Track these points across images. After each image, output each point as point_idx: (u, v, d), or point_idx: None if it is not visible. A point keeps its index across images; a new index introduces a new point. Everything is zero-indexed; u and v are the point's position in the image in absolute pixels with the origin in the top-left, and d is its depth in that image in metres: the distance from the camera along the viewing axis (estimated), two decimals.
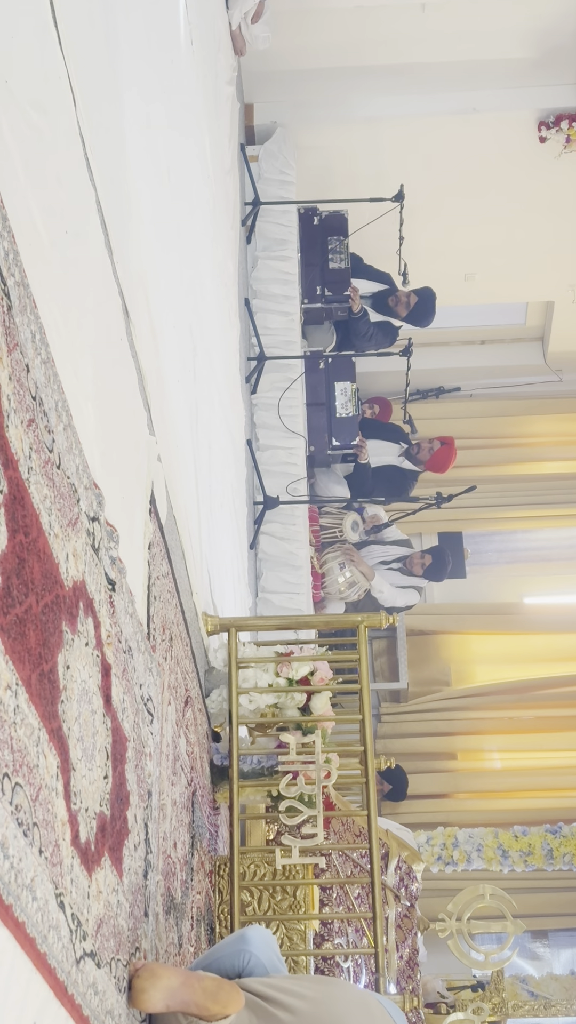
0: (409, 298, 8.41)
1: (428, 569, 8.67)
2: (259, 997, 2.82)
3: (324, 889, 4.89)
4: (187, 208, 4.84)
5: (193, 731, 4.02)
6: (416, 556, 8.69)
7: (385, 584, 8.35)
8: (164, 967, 2.73)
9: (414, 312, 8.47)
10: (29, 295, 2.09)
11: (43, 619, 2.08)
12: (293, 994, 2.83)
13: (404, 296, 8.40)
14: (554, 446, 10.95)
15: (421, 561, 8.66)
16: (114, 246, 2.99)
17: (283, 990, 2.84)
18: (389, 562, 8.59)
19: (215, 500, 5.16)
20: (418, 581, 8.68)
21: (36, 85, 2.31)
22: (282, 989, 2.85)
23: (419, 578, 8.68)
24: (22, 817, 1.89)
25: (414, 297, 8.41)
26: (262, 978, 2.94)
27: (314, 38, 8.11)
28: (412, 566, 8.64)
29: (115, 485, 2.76)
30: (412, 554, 8.75)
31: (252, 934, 3.08)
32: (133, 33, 3.56)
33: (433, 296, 8.45)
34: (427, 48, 8.22)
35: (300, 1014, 2.76)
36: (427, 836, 9.09)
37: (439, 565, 8.70)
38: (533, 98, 8.44)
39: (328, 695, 4.35)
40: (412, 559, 8.67)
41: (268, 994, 2.83)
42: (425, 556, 8.69)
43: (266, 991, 2.84)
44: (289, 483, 7.43)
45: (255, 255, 7.95)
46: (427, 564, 8.66)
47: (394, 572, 8.57)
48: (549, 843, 9.03)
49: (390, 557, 8.63)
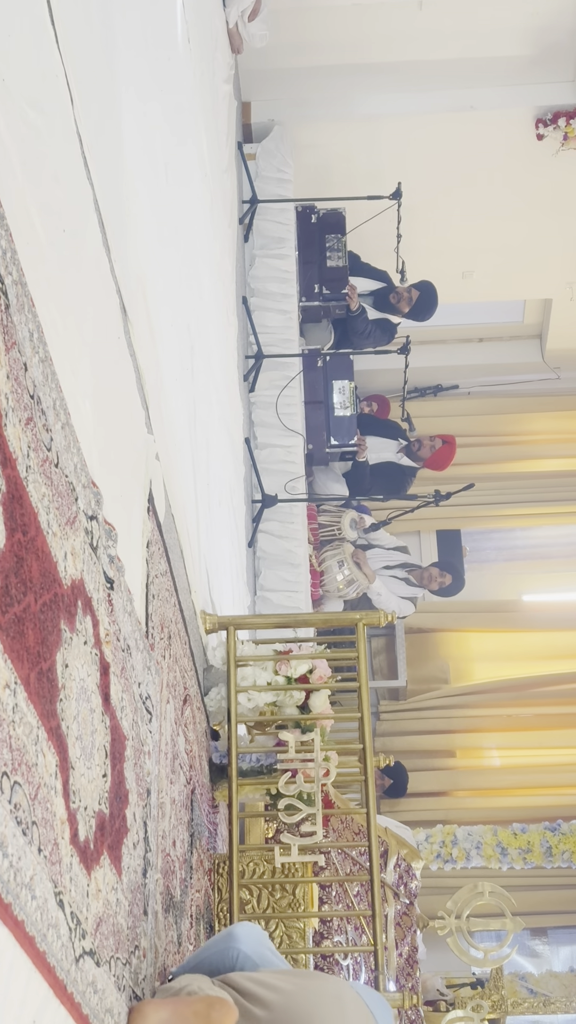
0: (411, 293, 8.40)
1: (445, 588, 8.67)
2: (240, 992, 2.81)
3: (323, 887, 4.89)
4: (185, 206, 4.84)
5: (192, 729, 4.02)
6: (435, 573, 8.65)
7: (384, 589, 8.34)
8: (152, 1003, 2.69)
9: (417, 307, 8.46)
10: (27, 294, 2.09)
11: (41, 618, 2.08)
12: (270, 987, 2.81)
13: (405, 292, 8.39)
14: (552, 443, 10.95)
15: (441, 580, 8.63)
16: (112, 244, 2.99)
17: (262, 984, 2.83)
18: (392, 567, 8.58)
19: (213, 498, 5.16)
20: (416, 592, 8.66)
21: (33, 84, 2.31)
22: (261, 983, 2.84)
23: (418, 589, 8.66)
24: (21, 816, 1.89)
25: (415, 292, 8.41)
26: (247, 973, 2.94)
27: (311, 36, 8.11)
28: (427, 582, 8.60)
29: (113, 483, 2.76)
30: (429, 570, 8.70)
31: (239, 931, 3.07)
32: (130, 32, 3.56)
33: (434, 289, 8.44)
34: (424, 46, 8.22)
35: (273, 1008, 2.74)
36: (426, 834, 9.09)
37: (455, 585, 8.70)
38: (531, 95, 8.43)
39: (327, 693, 4.34)
40: (429, 576, 8.62)
41: (248, 988, 2.81)
42: (445, 575, 8.65)
43: (246, 985, 2.83)
44: (287, 481, 7.43)
45: (253, 253, 7.95)
46: (446, 584, 8.64)
47: (399, 581, 8.54)
48: (548, 840, 9.03)
49: (393, 563, 8.62)
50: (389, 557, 8.61)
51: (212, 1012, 2.59)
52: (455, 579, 8.67)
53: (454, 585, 8.70)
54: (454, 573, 8.73)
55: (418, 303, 8.45)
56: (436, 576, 8.62)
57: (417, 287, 8.41)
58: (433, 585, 8.62)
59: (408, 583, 8.55)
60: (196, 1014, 2.60)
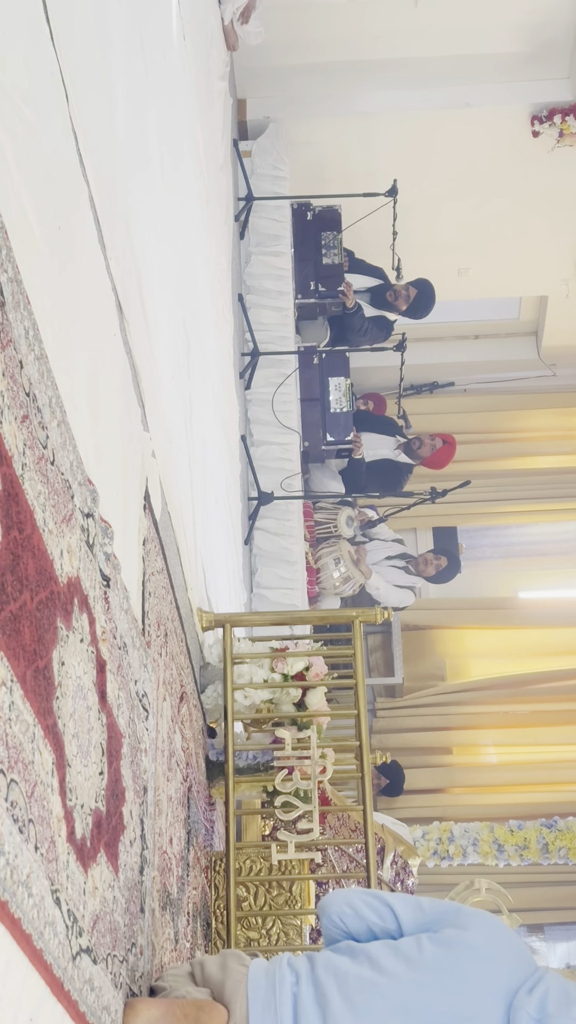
0: (408, 291, 8.40)
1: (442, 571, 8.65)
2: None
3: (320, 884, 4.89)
4: (180, 204, 4.83)
5: (188, 727, 4.03)
6: (430, 557, 8.65)
7: (381, 581, 8.34)
8: (144, 1001, 2.68)
9: (414, 305, 8.46)
10: (22, 291, 2.09)
11: (38, 615, 2.08)
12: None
13: (403, 290, 8.39)
14: (548, 441, 10.96)
15: (436, 563, 8.62)
16: (107, 242, 2.98)
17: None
18: (393, 557, 8.58)
19: (209, 496, 5.16)
20: (415, 580, 8.67)
21: (28, 81, 2.31)
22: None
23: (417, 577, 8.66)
24: (17, 814, 1.89)
25: (413, 290, 8.41)
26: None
27: (307, 33, 8.10)
28: (423, 568, 8.59)
29: (109, 481, 2.76)
30: (424, 555, 8.71)
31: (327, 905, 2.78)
32: (125, 29, 3.56)
33: (431, 287, 8.45)
34: (420, 43, 8.22)
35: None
36: (423, 831, 9.09)
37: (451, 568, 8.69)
38: (526, 92, 8.43)
39: (323, 690, 4.35)
40: (424, 560, 8.62)
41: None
42: (440, 558, 8.65)
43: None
44: (283, 478, 7.43)
45: (248, 250, 7.94)
46: (442, 566, 8.63)
47: (397, 570, 8.54)
48: (545, 837, 9.04)
49: (394, 553, 8.62)
50: (389, 548, 8.61)
51: (201, 1015, 2.59)
52: (451, 561, 8.66)
53: (450, 568, 8.67)
54: (449, 555, 8.73)
55: (415, 301, 8.45)
56: (432, 560, 8.62)
57: (415, 285, 8.41)
58: (430, 570, 8.60)
59: (407, 571, 8.56)
60: (186, 1016, 2.60)
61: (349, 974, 2.54)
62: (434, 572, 8.63)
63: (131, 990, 2.75)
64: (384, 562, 8.47)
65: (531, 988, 2.48)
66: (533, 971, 2.53)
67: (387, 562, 8.50)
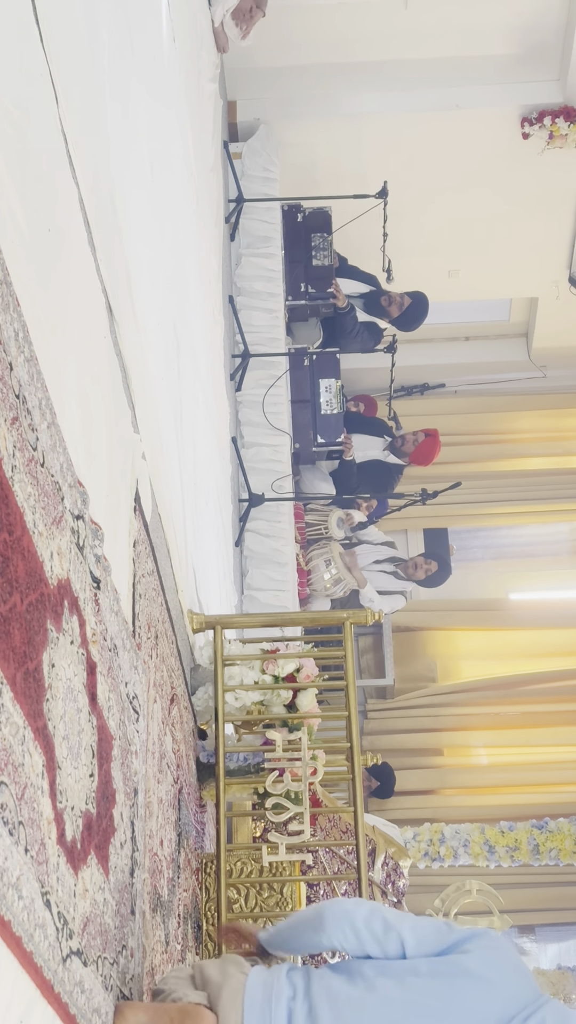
0: (403, 299, 8.41)
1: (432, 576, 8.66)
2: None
3: (311, 886, 4.89)
4: (170, 205, 4.83)
5: (179, 729, 4.02)
6: (420, 561, 8.66)
7: (375, 593, 8.35)
8: (132, 1005, 2.69)
9: (405, 314, 8.46)
10: (12, 293, 2.09)
11: (28, 617, 2.08)
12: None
13: (398, 297, 8.40)
14: (539, 442, 10.97)
15: (427, 567, 8.63)
16: (97, 243, 2.98)
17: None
18: (381, 561, 8.59)
19: (200, 498, 5.16)
20: (405, 585, 8.67)
21: (17, 83, 2.31)
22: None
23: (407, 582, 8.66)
24: (7, 816, 1.89)
25: (408, 299, 8.41)
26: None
27: (297, 35, 8.11)
28: (413, 572, 8.60)
29: (100, 483, 2.76)
30: (414, 559, 8.71)
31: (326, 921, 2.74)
32: (115, 31, 3.56)
33: (426, 301, 8.45)
34: (410, 44, 8.22)
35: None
36: (414, 832, 9.10)
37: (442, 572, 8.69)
38: (516, 94, 8.44)
39: (314, 692, 4.35)
40: (414, 564, 8.63)
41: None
42: (430, 562, 8.66)
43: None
44: (274, 480, 7.43)
45: (239, 252, 7.95)
46: (432, 571, 8.63)
47: (386, 575, 8.55)
48: (535, 838, 9.05)
49: (382, 557, 8.62)
50: (378, 552, 8.62)
51: (187, 1020, 2.60)
52: (441, 566, 8.66)
53: (441, 572, 8.68)
54: (439, 560, 8.74)
55: (408, 311, 8.44)
56: (421, 564, 8.63)
57: (411, 295, 8.41)
58: (419, 574, 8.61)
59: (396, 576, 8.56)
60: (172, 1021, 2.61)
61: (341, 994, 2.56)
62: (424, 576, 8.64)
63: (121, 992, 2.74)
64: (372, 566, 8.47)
65: (526, 1018, 2.48)
66: (534, 999, 2.53)
67: (376, 566, 8.50)
